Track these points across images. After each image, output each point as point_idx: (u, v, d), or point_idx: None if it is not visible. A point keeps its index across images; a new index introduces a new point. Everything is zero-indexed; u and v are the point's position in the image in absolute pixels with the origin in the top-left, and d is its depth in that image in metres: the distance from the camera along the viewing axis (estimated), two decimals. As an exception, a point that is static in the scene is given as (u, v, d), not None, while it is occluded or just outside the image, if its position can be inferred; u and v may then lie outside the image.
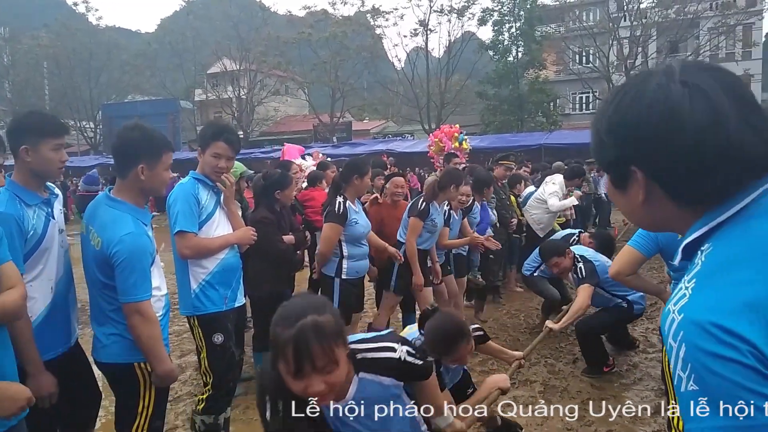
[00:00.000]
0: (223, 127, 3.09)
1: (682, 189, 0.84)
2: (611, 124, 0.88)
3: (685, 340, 0.75)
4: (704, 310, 0.74)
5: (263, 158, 23.23)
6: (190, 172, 3.01)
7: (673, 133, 0.80)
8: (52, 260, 2.30)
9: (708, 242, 0.83)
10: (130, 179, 2.34)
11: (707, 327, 0.72)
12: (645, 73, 0.89)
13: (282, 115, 41.17)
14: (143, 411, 2.35)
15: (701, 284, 0.79)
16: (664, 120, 0.81)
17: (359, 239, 4.09)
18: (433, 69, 33.86)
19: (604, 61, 29.73)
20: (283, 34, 35.84)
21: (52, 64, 37.06)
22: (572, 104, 34.81)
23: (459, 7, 33.06)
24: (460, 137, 12.84)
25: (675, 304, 0.80)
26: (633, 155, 0.86)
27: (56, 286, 2.34)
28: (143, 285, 2.22)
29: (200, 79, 40.20)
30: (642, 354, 4.81)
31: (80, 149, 36.41)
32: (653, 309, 6.21)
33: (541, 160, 13.77)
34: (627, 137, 0.86)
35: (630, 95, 0.86)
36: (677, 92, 0.81)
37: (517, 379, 4.35)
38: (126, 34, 53.23)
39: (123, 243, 2.19)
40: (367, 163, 4.23)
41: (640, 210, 0.91)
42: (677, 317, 0.77)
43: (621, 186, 0.92)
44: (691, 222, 0.86)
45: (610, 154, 0.90)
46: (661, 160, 0.83)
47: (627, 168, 0.87)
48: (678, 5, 28.02)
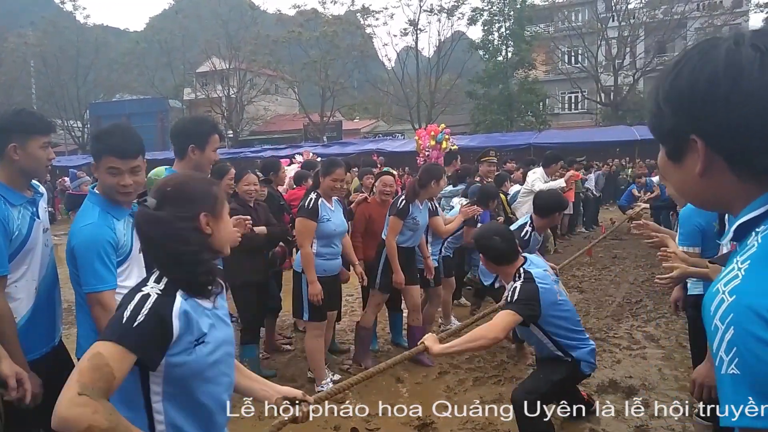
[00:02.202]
0: (210, 120, 3.15)
1: (747, 161, 0.79)
2: (672, 91, 0.83)
3: (734, 323, 0.71)
4: (758, 293, 0.71)
5: (253, 157, 23.14)
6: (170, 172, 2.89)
7: (743, 98, 0.76)
8: (36, 260, 2.30)
9: (765, 223, 0.79)
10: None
11: (761, 311, 0.69)
12: (712, 39, 0.83)
13: (272, 115, 40.99)
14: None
15: (756, 266, 0.75)
16: (732, 86, 0.76)
17: (330, 238, 4.06)
18: (423, 68, 33.89)
19: (593, 61, 29.96)
20: (272, 33, 35.69)
21: (39, 63, 36.63)
22: (561, 104, 34.98)
23: (449, 6, 33.11)
24: (438, 136, 12.87)
25: (725, 285, 0.76)
26: (694, 123, 0.81)
27: (40, 286, 2.33)
28: (104, 275, 2.17)
29: (189, 78, 39.89)
30: (626, 351, 4.87)
31: (68, 148, 36.09)
32: (638, 306, 6.29)
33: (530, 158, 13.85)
34: (689, 104, 0.81)
35: (694, 61, 0.81)
36: (748, 57, 0.76)
37: (503, 377, 4.40)
38: (114, 33, 52.71)
39: (82, 233, 2.19)
40: (335, 162, 4.20)
41: (697, 184, 0.85)
42: (728, 298, 0.74)
43: (677, 158, 0.87)
44: (749, 199, 0.81)
45: (668, 122, 0.85)
46: (726, 128, 0.78)
47: (686, 137, 0.83)
48: (665, 6, 28.27)
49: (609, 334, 5.31)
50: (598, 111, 31.38)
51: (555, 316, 3.03)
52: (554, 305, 2.99)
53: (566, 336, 3.11)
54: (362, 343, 4.71)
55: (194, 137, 2.84)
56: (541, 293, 2.92)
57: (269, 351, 5.11)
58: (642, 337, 5.23)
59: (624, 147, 20.35)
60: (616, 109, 28.84)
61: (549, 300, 2.97)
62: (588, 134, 23.51)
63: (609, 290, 7.06)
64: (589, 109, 32.58)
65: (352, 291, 6.58)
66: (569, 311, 3.17)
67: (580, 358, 3.15)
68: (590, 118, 31.95)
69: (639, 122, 24.47)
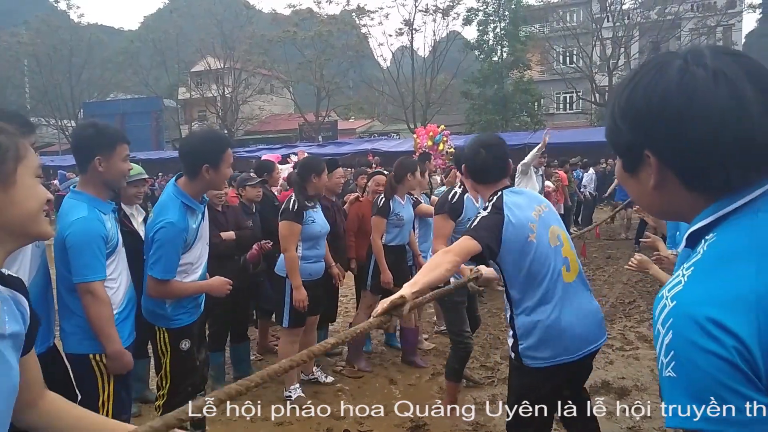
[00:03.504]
0: (223, 136, 3.16)
1: (697, 176, 0.81)
2: (627, 108, 0.85)
3: (673, 328, 0.74)
4: (697, 299, 0.73)
5: (248, 157, 23.06)
6: (176, 191, 2.74)
7: (694, 118, 0.77)
8: (26, 261, 2.29)
9: (713, 232, 0.81)
10: (89, 173, 2.46)
11: (696, 317, 0.71)
12: (665, 55, 0.85)
13: (267, 114, 40.93)
14: (104, 405, 2.41)
15: (698, 273, 0.77)
16: (684, 104, 0.78)
17: (316, 239, 3.96)
18: (419, 68, 33.92)
19: (587, 61, 30.03)
20: (267, 33, 35.64)
21: (33, 62, 36.43)
22: (556, 104, 35.08)
23: (444, 6, 33.16)
24: (436, 138, 12.75)
25: (669, 291, 0.78)
26: (648, 140, 0.83)
27: (31, 287, 2.32)
28: (95, 266, 2.32)
29: (184, 77, 39.80)
30: (618, 352, 4.89)
31: (61, 148, 35.90)
32: (631, 307, 6.32)
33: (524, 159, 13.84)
34: (643, 121, 0.82)
35: (648, 77, 0.83)
36: (700, 76, 0.78)
37: (496, 377, 4.41)
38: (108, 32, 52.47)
39: (74, 226, 2.32)
40: (323, 162, 4.13)
41: (651, 195, 0.89)
42: (669, 303, 0.76)
43: (632, 170, 0.90)
44: (700, 210, 0.84)
45: (624, 138, 0.87)
46: (677, 146, 0.80)
47: (640, 153, 0.85)
48: (659, 6, 28.39)
49: (602, 335, 5.33)
50: (592, 111, 31.46)
51: (518, 258, 2.31)
52: (521, 245, 2.30)
53: (521, 289, 2.34)
54: (355, 345, 4.70)
55: (209, 156, 2.72)
56: (505, 225, 2.29)
57: (262, 352, 5.10)
58: (635, 337, 5.25)
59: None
60: (610, 110, 28.89)
61: (515, 236, 2.28)
62: (583, 134, 23.53)
63: (602, 290, 7.09)
64: (584, 110, 32.66)
65: (346, 292, 6.58)
66: (540, 261, 2.31)
67: (526, 332, 2.32)
68: (585, 119, 32.02)
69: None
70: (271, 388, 4.23)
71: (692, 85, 0.78)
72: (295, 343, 4.00)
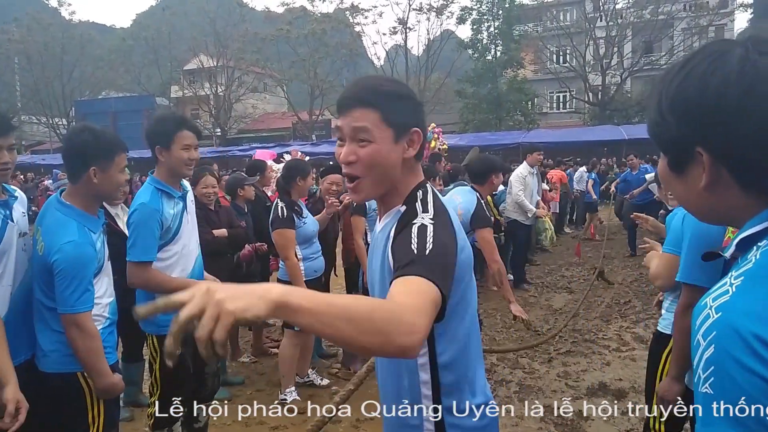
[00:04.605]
0: (178, 117, 2.93)
1: (756, 175, 0.75)
2: (677, 99, 0.77)
3: (716, 342, 0.68)
4: (745, 313, 0.67)
5: (241, 156, 22.98)
6: (150, 179, 2.75)
7: (755, 111, 0.71)
8: (11, 265, 2.21)
9: (767, 238, 0.74)
10: (81, 184, 2.24)
11: (742, 332, 0.65)
12: (721, 42, 0.78)
13: (260, 113, 40.75)
14: (94, 422, 2.26)
15: (748, 284, 0.70)
16: (745, 95, 0.71)
17: (311, 238, 4.05)
18: (413, 67, 33.89)
19: (581, 60, 30.12)
20: (261, 31, 35.46)
21: (23, 60, 36.09)
22: (550, 103, 35.15)
23: (438, 5, 33.15)
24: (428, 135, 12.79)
25: (714, 300, 0.72)
26: (701, 135, 0.76)
27: (17, 292, 2.25)
28: (82, 296, 2.11)
29: (176, 75, 39.56)
30: (615, 353, 4.86)
31: (53, 146, 35.60)
32: (627, 307, 6.31)
33: (519, 158, 13.87)
34: (696, 115, 0.75)
35: (703, 66, 0.76)
36: (763, 66, 0.72)
37: (492, 379, 4.37)
38: (100, 30, 52.13)
39: (62, 252, 2.10)
40: (308, 165, 4.17)
41: (700, 197, 0.80)
42: (713, 315, 0.70)
43: (679, 169, 0.82)
44: (754, 213, 0.77)
45: (671, 133, 0.80)
46: (735, 142, 0.73)
47: (691, 149, 0.78)
48: (652, 6, 28.51)
49: (598, 336, 5.31)
50: (586, 110, 31.57)
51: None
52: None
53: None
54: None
55: (159, 137, 2.68)
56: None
57: (257, 355, 5.04)
58: (631, 338, 5.24)
59: (611, 146, 20.47)
60: (603, 109, 29.02)
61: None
62: (576, 134, 23.60)
63: (598, 291, 7.07)
64: (577, 109, 32.77)
65: (341, 292, 6.53)
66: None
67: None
68: (578, 118, 32.12)
69: (626, 122, 24.66)
70: (266, 391, 4.18)
71: (754, 76, 0.72)
72: (297, 346, 4.06)
